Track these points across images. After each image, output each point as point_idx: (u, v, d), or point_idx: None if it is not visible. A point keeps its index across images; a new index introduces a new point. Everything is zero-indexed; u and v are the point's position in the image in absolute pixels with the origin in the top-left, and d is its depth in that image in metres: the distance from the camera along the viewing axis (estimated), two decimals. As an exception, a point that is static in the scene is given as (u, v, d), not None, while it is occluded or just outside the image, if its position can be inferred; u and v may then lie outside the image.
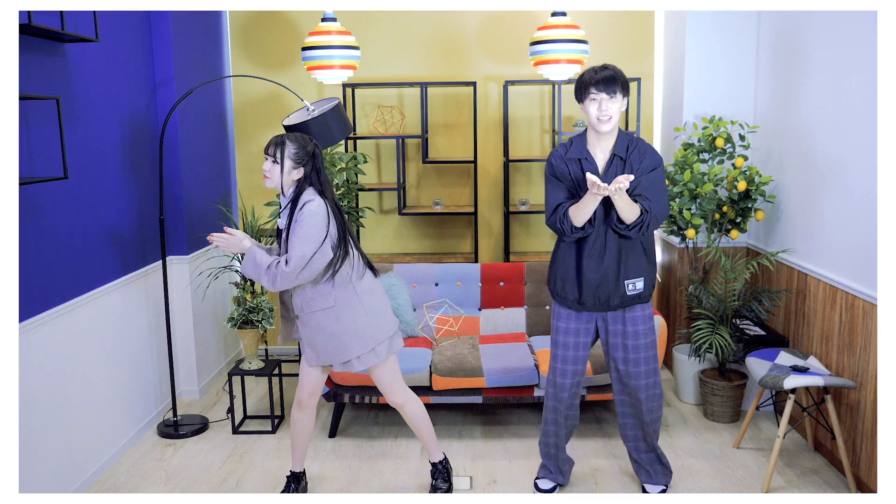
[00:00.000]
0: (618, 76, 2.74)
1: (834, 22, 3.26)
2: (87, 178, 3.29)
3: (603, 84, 2.72)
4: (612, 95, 2.73)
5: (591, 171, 2.83)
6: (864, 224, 3.04)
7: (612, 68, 2.76)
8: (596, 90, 2.72)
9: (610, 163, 2.84)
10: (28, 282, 2.81)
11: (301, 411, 3.05)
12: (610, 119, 2.75)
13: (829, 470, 3.33)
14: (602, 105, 2.74)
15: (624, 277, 2.86)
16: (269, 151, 2.81)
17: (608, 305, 2.90)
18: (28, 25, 2.62)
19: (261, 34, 4.84)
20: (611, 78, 2.72)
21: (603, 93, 2.72)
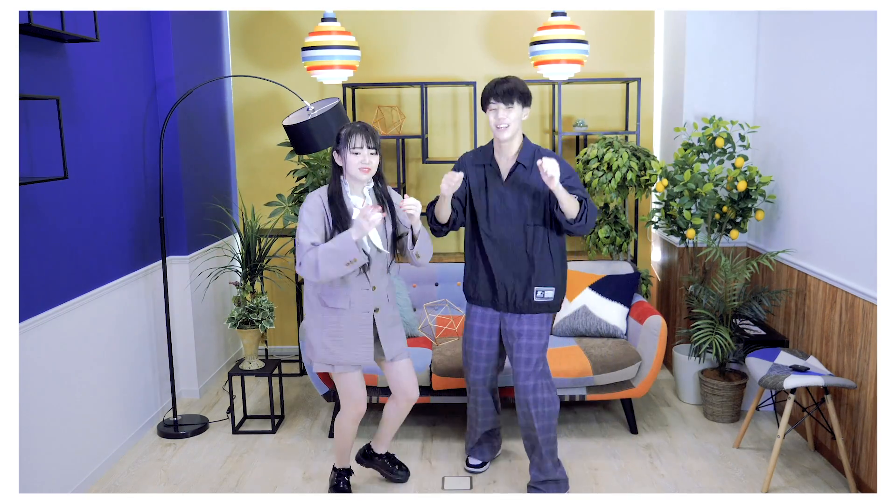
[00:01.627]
0: (516, 88, 2.92)
1: (834, 22, 3.26)
2: (87, 178, 3.29)
3: (501, 96, 2.91)
4: (510, 106, 2.91)
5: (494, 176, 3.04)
6: (864, 224, 3.04)
7: (512, 81, 2.94)
8: (494, 101, 2.92)
9: (513, 169, 3.01)
10: (28, 282, 2.81)
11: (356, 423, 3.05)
12: (507, 127, 2.92)
13: (829, 470, 3.33)
14: (499, 114, 2.92)
15: (535, 283, 3.03)
16: (371, 144, 2.76)
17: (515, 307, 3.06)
18: (28, 25, 2.62)
19: (261, 34, 4.84)
20: (510, 90, 2.91)
21: (500, 103, 2.91)
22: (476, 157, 3.08)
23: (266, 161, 4.94)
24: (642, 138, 4.83)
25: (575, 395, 3.61)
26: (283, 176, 4.90)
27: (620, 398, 3.66)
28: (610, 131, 4.64)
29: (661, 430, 3.76)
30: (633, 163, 4.17)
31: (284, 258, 4.80)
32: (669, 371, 4.55)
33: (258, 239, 4.08)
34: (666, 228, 4.11)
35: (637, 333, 3.73)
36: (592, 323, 3.88)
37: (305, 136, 3.25)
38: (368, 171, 2.77)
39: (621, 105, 4.85)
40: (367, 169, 2.77)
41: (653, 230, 4.79)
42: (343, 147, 2.76)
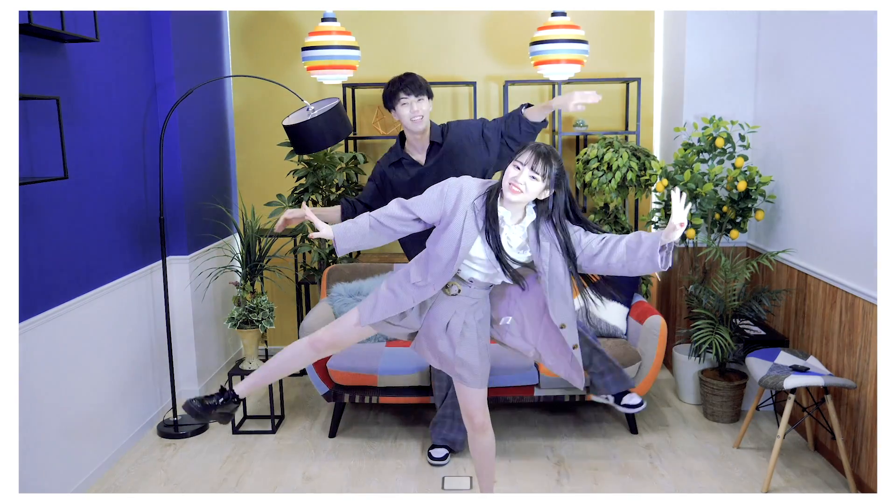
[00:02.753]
0: (422, 81, 3.06)
1: (834, 22, 3.26)
2: (87, 178, 3.29)
3: (410, 88, 3.03)
4: (420, 97, 3.04)
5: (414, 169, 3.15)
6: (864, 224, 3.04)
7: (413, 74, 3.07)
8: (405, 94, 3.03)
9: (429, 152, 3.16)
10: (28, 282, 2.81)
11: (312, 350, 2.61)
12: (422, 118, 3.06)
13: (829, 470, 3.33)
14: (413, 106, 3.04)
15: None
16: (533, 166, 2.31)
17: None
18: (28, 25, 2.62)
19: (261, 34, 4.84)
20: (414, 81, 3.04)
21: (412, 95, 3.03)
22: (388, 158, 3.22)
23: (266, 161, 4.94)
24: (642, 138, 4.83)
25: (575, 395, 3.60)
26: (283, 176, 4.90)
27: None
28: (610, 131, 4.64)
29: (661, 430, 3.76)
30: (633, 163, 4.17)
31: (285, 258, 4.80)
32: (669, 371, 4.55)
33: (258, 239, 4.08)
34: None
35: (637, 333, 3.73)
36: (592, 323, 3.88)
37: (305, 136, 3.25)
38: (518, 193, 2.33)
39: (621, 105, 4.85)
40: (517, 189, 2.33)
41: (653, 230, 4.79)
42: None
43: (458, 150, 3.14)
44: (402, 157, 3.19)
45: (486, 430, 2.72)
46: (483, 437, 2.72)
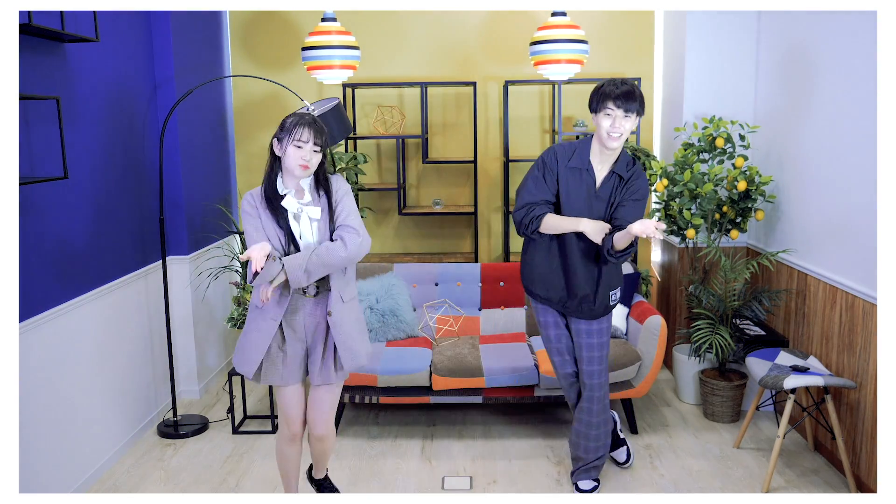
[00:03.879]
0: (636, 93, 2.73)
1: (834, 22, 3.26)
2: (87, 178, 3.29)
3: (622, 100, 2.69)
4: (628, 114, 2.71)
5: (590, 182, 2.86)
6: (864, 224, 3.04)
7: (630, 84, 2.74)
8: (614, 105, 2.70)
9: (608, 178, 2.87)
10: (28, 282, 2.81)
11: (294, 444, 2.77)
12: (620, 136, 2.74)
13: (829, 470, 3.33)
14: (616, 122, 2.72)
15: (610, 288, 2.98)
16: (318, 141, 2.48)
17: (589, 313, 2.99)
18: (28, 25, 2.62)
19: (261, 34, 4.84)
20: (629, 94, 2.70)
21: (620, 109, 2.70)
22: (573, 160, 2.86)
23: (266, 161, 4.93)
24: (642, 138, 4.83)
25: (575, 395, 3.61)
26: (283, 176, 4.90)
27: (620, 398, 3.66)
28: (610, 131, 4.64)
29: (661, 430, 3.76)
30: (633, 163, 4.17)
31: (284, 258, 4.79)
32: (669, 371, 4.55)
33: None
34: (666, 229, 4.10)
35: (637, 333, 3.73)
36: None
37: (305, 136, 3.24)
38: (306, 169, 2.49)
39: (621, 105, 4.84)
40: (305, 166, 2.48)
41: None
42: (283, 134, 2.50)
43: (621, 195, 2.87)
44: (586, 168, 2.85)
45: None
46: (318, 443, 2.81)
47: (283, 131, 2.51)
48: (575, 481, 3.18)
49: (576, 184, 2.86)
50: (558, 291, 2.99)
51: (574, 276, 2.92)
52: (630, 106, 2.70)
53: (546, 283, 2.99)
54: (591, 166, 2.85)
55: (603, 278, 2.94)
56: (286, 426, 2.75)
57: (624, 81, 2.75)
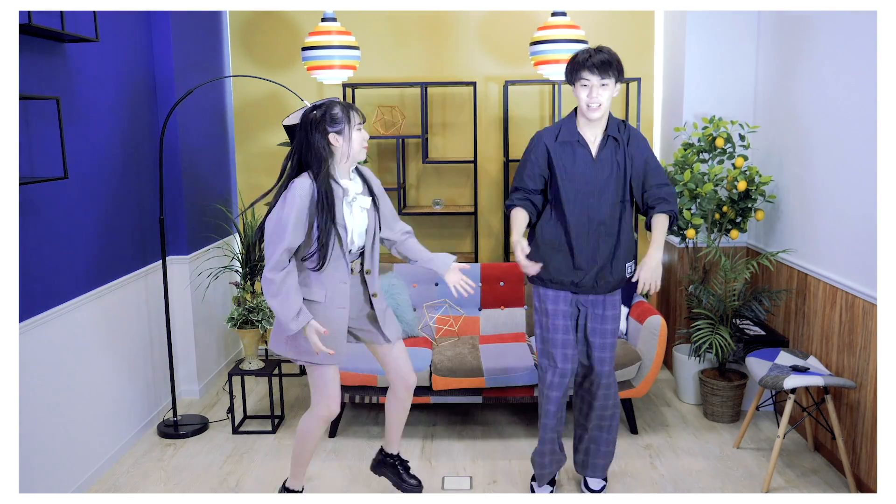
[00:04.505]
0: (612, 60, 2.65)
1: (834, 22, 3.26)
2: (87, 178, 3.29)
3: (596, 68, 2.62)
4: (605, 81, 2.65)
5: (586, 153, 2.80)
6: (864, 224, 3.04)
7: (606, 51, 2.67)
8: (589, 74, 2.64)
9: (604, 143, 2.80)
10: (28, 282, 2.81)
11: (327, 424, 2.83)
12: (599, 107, 2.69)
13: (829, 470, 3.33)
14: (592, 91, 2.67)
15: (625, 260, 2.88)
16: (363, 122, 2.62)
17: (601, 288, 2.89)
18: (28, 25, 2.62)
19: (261, 34, 4.84)
20: (605, 62, 2.63)
21: (595, 77, 2.64)
22: (561, 135, 2.81)
23: (266, 161, 4.94)
24: (642, 138, 4.82)
25: (575, 395, 3.61)
26: (283, 176, 4.90)
27: (620, 398, 3.66)
28: (610, 131, 4.64)
29: (661, 430, 3.76)
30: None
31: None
32: (669, 371, 4.55)
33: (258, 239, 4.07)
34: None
35: (637, 333, 3.73)
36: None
37: (305, 136, 3.24)
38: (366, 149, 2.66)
39: (621, 105, 4.85)
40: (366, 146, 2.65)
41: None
42: (343, 125, 2.55)
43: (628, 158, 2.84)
44: (577, 140, 2.80)
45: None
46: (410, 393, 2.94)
47: (337, 122, 2.55)
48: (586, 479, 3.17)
49: (570, 158, 2.80)
50: (569, 268, 2.85)
51: (583, 248, 2.82)
52: (605, 73, 2.64)
53: (556, 261, 2.86)
54: (581, 137, 2.80)
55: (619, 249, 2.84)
56: (326, 405, 2.76)
57: (599, 49, 2.68)
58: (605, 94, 2.68)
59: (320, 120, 2.54)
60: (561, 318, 2.92)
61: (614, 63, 2.67)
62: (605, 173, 2.79)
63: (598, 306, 2.94)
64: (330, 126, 2.55)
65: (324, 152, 2.55)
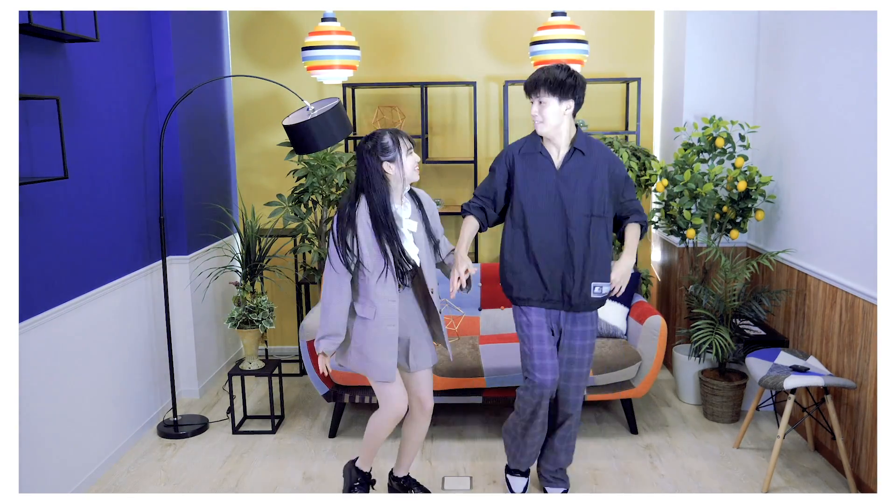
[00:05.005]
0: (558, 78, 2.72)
1: (834, 22, 3.26)
2: (87, 178, 3.29)
3: (543, 85, 2.74)
4: (545, 100, 2.74)
5: (548, 165, 2.84)
6: (864, 224, 3.04)
7: (557, 72, 2.73)
8: (534, 92, 2.77)
9: (569, 157, 2.83)
10: (28, 282, 2.81)
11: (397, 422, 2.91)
12: (544, 121, 2.77)
13: (829, 470, 3.33)
14: (535, 108, 2.79)
15: (598, 276, 2.84)
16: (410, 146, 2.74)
17: (570, 305, 2.88)
18: (28, 25, 2.62)
19: (261, 34, 4.84)
20: (549, 80, 2.72)
21: (539, 94, 2.76)
22: (525, 146, 2.87)
23: (266, 161, 4.94)
24: (642, 138, 4.83)
25: (575, 395, 3.61)
26: (283, 176, 4.90)
27: (620, 398, 3.66)
28: (610, 131, 4.64)
29: (661, 430, 3.76)
30: (633, 163, 4.17)
31: (284, 258, 4.80)
32: (669, 371, 4.55)
33: (258, 239, 4.08)
34: (666, 228, 4.11)
35: (637, 333, 3.73)
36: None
37: (305, 136, 3.25)
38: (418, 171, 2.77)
39: (621, 105, 4.85)
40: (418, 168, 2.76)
41: (653, 230, 4.79)
42: (394, 152, 2.68)
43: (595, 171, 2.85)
44: (540, 152, 2.84)
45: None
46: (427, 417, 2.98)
47: (389, 151, 2.68)
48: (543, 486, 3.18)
49: (532, 170, 2.84)
50: (536, 284, 2.85)
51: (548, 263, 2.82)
52: (549, 91, 2.73)
53: (523, 277, 2.87)
54: (544, 149, 2.85)
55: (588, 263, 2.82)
56: (395, 412, 2.84)
57: (554, 68, 2.76)
58: (546, 110, 2.77)
59: (371, 150, 2.69)
60: (535, 329, 2.89)
61: (558, 83, 2.74)
62: (570, 186, 2.81)
63: (569, 323, 2.92)
64: (382, 155, 2.69)
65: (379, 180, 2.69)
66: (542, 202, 2.82)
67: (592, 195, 2.81)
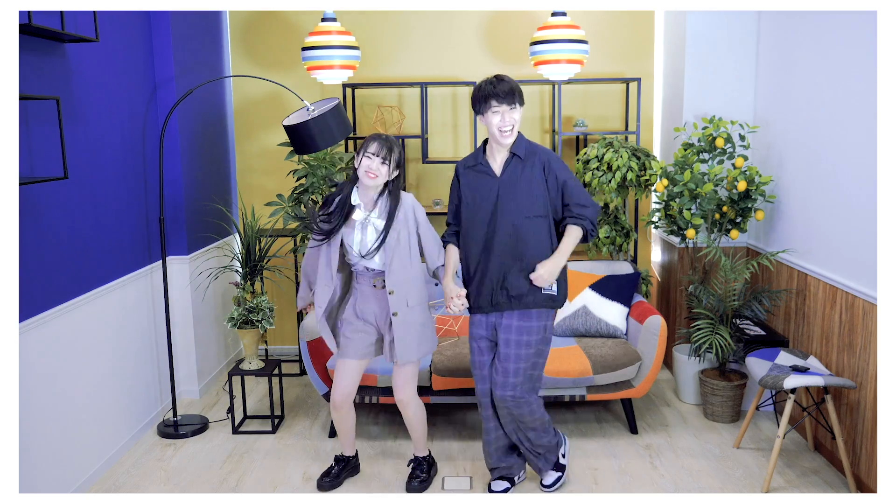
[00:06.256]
0: (515, 88, 2.83)
1: (834, 22, 3.26)
2: (87, 178, 3.29)
3: (503, 96, 2.79)
4: (513, 106, 2.81)
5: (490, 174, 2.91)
6: (864, 224, 3.04)
7: (508, 80, 2.83)
8: (497, 102, 2.80)
9: (508, 162, 2.90)
10: (28, 282, 2.81)
11: (337, 412, 3.16)
12: (512, 129, 2.84)
13: (829, 470, 3.33)
14: (504, 117, 2.81)
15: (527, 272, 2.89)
16: (384, 155, 2.89)
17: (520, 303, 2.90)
18: (28, 25, 2.62)
19: (261, 34, 4.84)
20: (511, 90, 2.80)
21: (504, 104, 2.80)
22: (467, 161, 2.99)
23: (266, 161, 4.94)
24: (642, 138, 4.83)
25: (575, 395, 3.60)
26: (283, 176, 4.90)
27: (620, 398, 3.66)
28: (610, 131, 4.64)
29: (661, 430, 3.76)
30: (633, 163, 4.17)
31: (284, 258, 4.80)
32: (669, 371, 4.55)
33: (258, 239, 4.08)
34: (666, 228, 4.11)
35: (637, 333, 3.73)
36: (592, 323, 3.88)
37: (305, 136, 3.25)
38: (374, 178, 2.88)
39: (621, 105, 4.85)
40: (373, 175, 2.88)
41: (653, 230, 4.79)
42: (360, 150, 2.92)
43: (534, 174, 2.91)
44: (479, 163, 2.94)
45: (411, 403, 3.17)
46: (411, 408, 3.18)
47: (358, 152, 2.94)
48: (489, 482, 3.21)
49: (476, 182, 2.94)
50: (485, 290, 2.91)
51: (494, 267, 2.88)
52: (512, 98, 2.81)
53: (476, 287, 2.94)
54: (484, 160, 2.93)
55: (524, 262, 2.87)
56: (332, 392, 3.14)
57: (500, 78, 2.84)
58: (516, 116, 2.84)
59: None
60: (476, 342, 3.02)
61: (517, 90, 2.84)
62: (507, 190, 2.88)
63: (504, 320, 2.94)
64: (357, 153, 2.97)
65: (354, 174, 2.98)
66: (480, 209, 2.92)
67: (529, 197, 2.87)
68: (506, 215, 2.87)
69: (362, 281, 3.05)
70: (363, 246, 2.97)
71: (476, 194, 2.93)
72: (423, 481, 3.22)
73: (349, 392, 3.11)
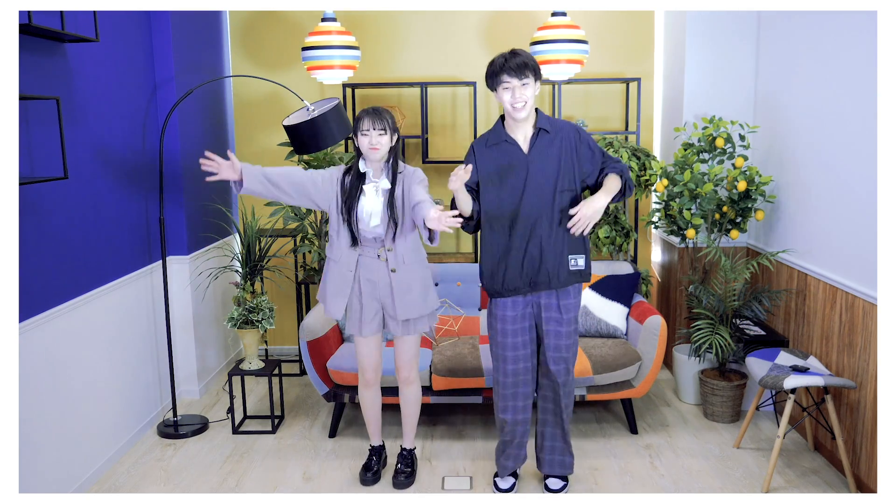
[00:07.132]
0: (529, 61, 2.77)
1: (834, 22, 3.26)
2: (87, 178, 3.29)
3: (515, 70, 2.74)
4: (525, 82, 2.76)
5: (516, 151, 2.86)
6: (864, 224, 3.04)
7: (522, 54, 2.78)
8: (508, 77, 2.75)
9: (535, 137, 2.86)
10: (28, 282, 2.81)
11: (368, 389, 3.24)
12: (525, 105, 2.78)
13: (829, 470, 3.33)
14: (515, 93, 2.77)
15: (569, 252, 2.89)
16: (379, 125, 2.90)
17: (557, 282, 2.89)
18: (28, 25, 2.62)
19: (261, 34, 4.84)
20: (522, 64, 2.75)
21: (515, 79, 2.75)
22: (489, 139, 2.90)
23: (266, 161, 4.94)
24: (642, 138, 4.83)
25: (575, 395, 3.60)
26: (283, 176, 4.90)
27: (620, 398, 3.66)
28: (610, 131, 4.64)
29: (661, 430, 3.76)
30: (633, 163, 4.18)
31: (284, 258, 4.80)
32: (669, 371, 4.55)
33: (258, 239, 4.08)
34: (666, 228, 4.11)
35: (637, 333, 3.73)
36: (592, 323, 3.88)
37: (305, 136, 3.25)
38: (377, 151, 2.91)
39: (621, 105, 4.85)
40: (375, 148, 2.91)
41: (653, 230, 4.79)
42: (358, 129, 2.94)
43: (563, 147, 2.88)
44: (506, 140, 2.87)
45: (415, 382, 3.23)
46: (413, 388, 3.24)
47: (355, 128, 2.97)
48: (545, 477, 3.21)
49: (502, 159, 2.86)
50: (518, 271, 2.88)
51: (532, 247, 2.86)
52: (524, 73, 2.75)
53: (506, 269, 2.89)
54: (509, 137, 2.87)
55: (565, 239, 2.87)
56: (361, 373, 3.21)
57: (514, 52, 2.79)
58: (527, 92, 2.79)
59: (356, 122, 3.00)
60: (510, 324, 2.96)
61: (530, 64, 2.79)
62: (539, 166, 2.84)
63: (543, 300, 2.94)
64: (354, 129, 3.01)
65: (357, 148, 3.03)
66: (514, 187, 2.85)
67: (562, 171, 2.85)
68: (537, 190, 2.83)
69: (367, 253, 3.03)
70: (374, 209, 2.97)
71: (502, 171, 2.86)
72: (410, 476, 3.25)
73: (376, 364, 3.16)
